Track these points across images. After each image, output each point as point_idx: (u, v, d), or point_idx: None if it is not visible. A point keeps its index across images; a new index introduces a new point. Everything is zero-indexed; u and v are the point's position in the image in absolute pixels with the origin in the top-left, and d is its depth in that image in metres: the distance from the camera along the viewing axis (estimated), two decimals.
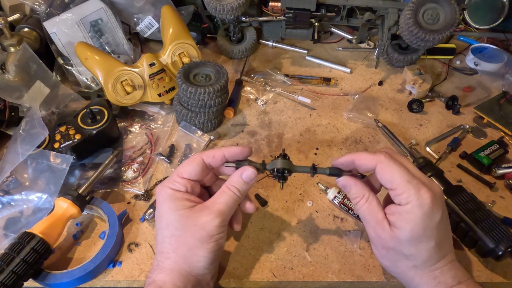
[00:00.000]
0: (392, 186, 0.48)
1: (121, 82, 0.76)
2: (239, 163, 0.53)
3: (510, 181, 0.68)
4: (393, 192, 0.48)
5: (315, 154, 0.75)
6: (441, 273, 0.48)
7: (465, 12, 0.97)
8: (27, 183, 0.64)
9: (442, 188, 0.62)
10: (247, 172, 0.52)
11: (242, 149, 0.53)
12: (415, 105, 0.83)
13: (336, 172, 0.52)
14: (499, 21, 0.96)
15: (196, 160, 0.53)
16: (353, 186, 0.51)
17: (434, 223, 0.47)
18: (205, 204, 0.51)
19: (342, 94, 0.88)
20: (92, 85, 0.85)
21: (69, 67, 0.85)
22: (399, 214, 0.47)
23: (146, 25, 0.90)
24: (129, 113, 0.81)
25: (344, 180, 0.52)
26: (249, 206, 0.55)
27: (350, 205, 0.64)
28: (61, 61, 0.85)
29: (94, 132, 0.69)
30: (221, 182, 0.58)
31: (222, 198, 0.51)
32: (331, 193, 0.66)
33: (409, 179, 0.47)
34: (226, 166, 0.53)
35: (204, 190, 0.57)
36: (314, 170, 0.52)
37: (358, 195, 0.51)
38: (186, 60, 0.82)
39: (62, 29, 0.81)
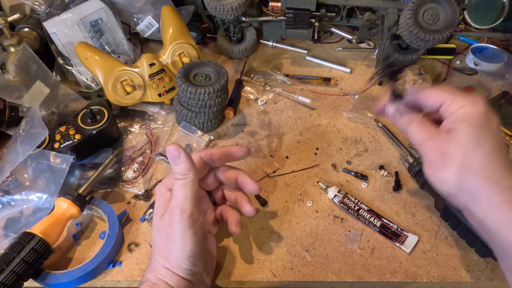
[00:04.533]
0: (441, 99, 0.45)
1: (121, 82, 0.76)
2: None
3: None
4: (443, 107, 0.45)
5: (315, 154, 0.75)
6: None
7: (465, 12, 0.97)
8: (27, 183, 0.64)
9: None
10: (169, 151, 0.49)
11: (240, 148, 0.54)
12: None
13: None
14: (499, 21, 0.96)
15: (194, 158, 0.53)
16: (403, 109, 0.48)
17: (493, 123, 0.44)
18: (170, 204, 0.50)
19: (342, 94, 0.88)
20: (92, 85, 0.85)
21: (69, 67, 0.85)
22: (454, 120, 0.44)
23: (146, 25, 0.90)
24: (129, 113, 0.81)
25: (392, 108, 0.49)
26: (249, 209, 0.55)
27: (350, 204, 0.65)
28: (61, 61, 0.85)
29: (94, 132, 0.69)
30: (222, 187, 0.59)
31: (174, 191, 0.49)
32: (332, 192, 0.66)
33: (455, 92, 0.45)
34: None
35: (205, 192, 0.58)
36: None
37: (409, 118, 0.48)
38: (186, 60, 0.82)
39: (62, 29, 0.81)
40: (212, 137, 0.77)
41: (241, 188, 0.57)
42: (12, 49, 0.78)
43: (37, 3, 0.81)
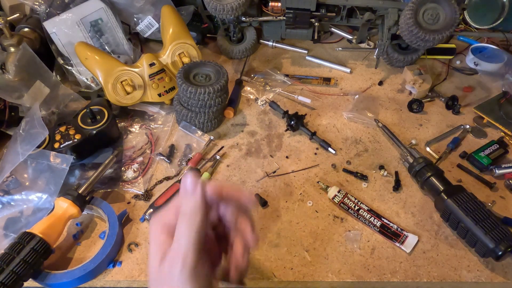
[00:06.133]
0: None
1: (121, 82, 0.76)
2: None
3: (510, 181, 0.68)
4: None
5: (315, 154, 0.75)
6: None
7: (465, 12, 0.97)
8: (27, 183, 0.64)
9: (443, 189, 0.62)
10: (185, 181, 0.40)
11: (250, 198, 0.44)
12: (415, 105, 0.83)
13: None
14: (499, 21, 0.96)
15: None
16: None
17: None
18: (170, 249, 0.41)
19: (342, 94, 0.88)
20: (92, 85, 0.85)
21: (69, 67, 0.85)
22: None
23: (146, 25, 0.90)
24: (129, 113, 0.81)
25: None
26: (251, 238, 0.45)
27: (350, 204, 0.65)
28: (61, 61, 0.85)
29: (94, 132, 0.69)
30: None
31: (177, 232, 0.41)
32: (332, 192, 0.66)
33: None
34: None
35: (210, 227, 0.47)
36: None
37: None
38: (186, 60, 0.82)
39: (62, 29, 0.81)
40: (212, 137, 0.77)
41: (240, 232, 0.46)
42: (12, 49, 0.78)
43: (37, 3, 0.81)
